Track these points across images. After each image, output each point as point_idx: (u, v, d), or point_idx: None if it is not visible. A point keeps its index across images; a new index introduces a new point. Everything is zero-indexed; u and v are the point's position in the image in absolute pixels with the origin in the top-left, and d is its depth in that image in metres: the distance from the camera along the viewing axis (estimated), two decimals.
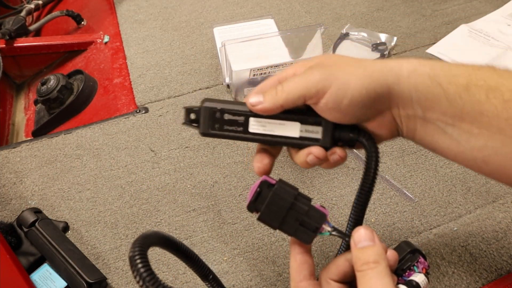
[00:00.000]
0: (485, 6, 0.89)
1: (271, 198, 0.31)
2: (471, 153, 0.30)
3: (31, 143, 0.67)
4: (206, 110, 0.35)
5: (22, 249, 0.52)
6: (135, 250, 0.28)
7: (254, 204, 0.32)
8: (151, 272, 0.27)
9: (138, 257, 0.27)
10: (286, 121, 0.34)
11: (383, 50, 0.78)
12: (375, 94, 0.30)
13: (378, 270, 0.28)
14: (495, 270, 0.48)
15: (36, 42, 0.89)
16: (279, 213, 0.31)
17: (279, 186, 0.32)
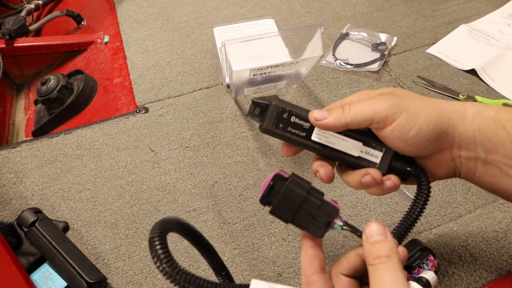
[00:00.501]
0: (485, 6, 0.89)
1: (284, 192, 0.31)
2: None
3: (31, 143, 0.67)
4: (276, 108, 0.35)
5: (22, 249, 0.52)
6: (155, 232, 0.28)
7: (267, 197, 0.32)
8: (168, 254, 0.27)
9: (157, 239, 0.27)
10: (349, 138, 0.34)
11: (383, 50, 0.78)
12: (440, 130, 0.31)
13: (390, 264, 0.28)
14: (495, 270, 0.48)
15: (36, 42, 0.89)
16: (291, 207, 0.31)
17: (292, 179, 0.32)
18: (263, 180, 0.59)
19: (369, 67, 0.76)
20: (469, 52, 0.77)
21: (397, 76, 0.74)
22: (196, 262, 0.52)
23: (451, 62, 0.76)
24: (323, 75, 0.75)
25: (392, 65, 0.76)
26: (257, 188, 0.59)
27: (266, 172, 0.61)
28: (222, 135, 0.66)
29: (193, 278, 0.28)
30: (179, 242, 0.54)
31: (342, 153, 0.35)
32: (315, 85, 0.73)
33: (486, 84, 0.71)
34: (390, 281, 0.27)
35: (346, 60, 0.77)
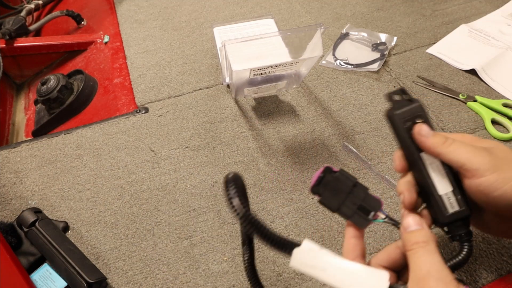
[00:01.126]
0: (485, 6, 0.89)
1: (333, 183, 0.34)
2: None
3: (31, 143, 0.67)
4: (418, 108, 0.35)
5: (22, 249, 0.52)
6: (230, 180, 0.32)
7: (317, 187, 0.34)
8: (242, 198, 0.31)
9: (232, 185, 0.32)
10: (447, 176, 0.35)
11: (383, 50, 0.78)
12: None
13: (427, 248, 0.29)
14: (495, 270, 0.48)
15: (36, 42, 0.89)
16: (339, 197, 0.34)
17: (340, 173, 0.35)
18: (263, 180, 0.60)
19: (369, 67, 0.76)
20: (469, 52, 0.77)
21: (397, 76, 0.74)
22: (196, 262, 0.52)
23: (451, 62, 0.76)
24: (323, 75, 0.75)
25: (392, 65, 0.76)
26: (257, 188, 0.59)
27: (266, 172, 0.61)
28: (222, 135, 0.66)
29: (258, 224, 0.31)
30: (179, 242, 0.54)
31: (429, 183, 0.35)
32: (315, 85, 0.73)
33: (486, 84, 0.71)
34: (429, 263, 0.28)
35: (346, 60, 0.77)
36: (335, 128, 0.66)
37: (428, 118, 0.35)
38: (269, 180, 0.60)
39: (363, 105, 0.70)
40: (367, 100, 0.70)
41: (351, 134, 0.65)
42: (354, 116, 0.68)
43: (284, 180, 0.60)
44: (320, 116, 0.68)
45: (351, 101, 0.70)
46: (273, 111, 0.69)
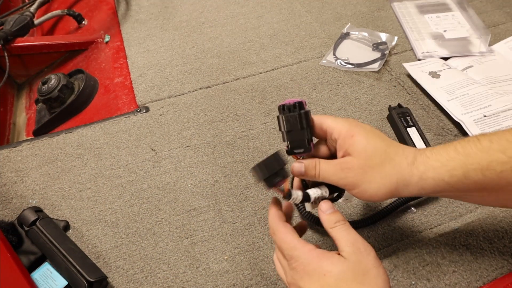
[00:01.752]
0: (486, 5, 0.89)
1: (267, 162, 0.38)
2: (491, 203, 0.40)
3: (32, 142, 0.67)
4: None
5: (23, 248, 0.52)
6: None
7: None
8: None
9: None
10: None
11: (383, 50, 0.78)
12: (389, 195, 0.38)
13: (346, 225, 0.38)
14: (496, 269, 0.48)
15: (37, 42, 0.89)
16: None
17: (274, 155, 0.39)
18: None
19: (370, 67, 0.76)
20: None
21: (398, 76, 0.74)
22: (196, 261, 0.52)
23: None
24: (323, 74, 0.75)
25: (393, 65, 0.76)
26: (257, 187, 0.59)
27: None
28: (222, 135, 0.66)
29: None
30: (180, 241, 0.54)
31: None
32: (315, 84, 0.73)
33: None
34: (352, 235, 0.37)
35: (347, 60, 0.77)
36: None
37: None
38: None
39: (363, 104, 0.70)
40: (367, 99, 0.70)
41: None
42: (355, 115, 0.68)
43: None
44: None
45: (351, 101, 0.70)
46: (274, 110, 0.69)
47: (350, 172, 0.38)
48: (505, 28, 0.83)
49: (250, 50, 0.81)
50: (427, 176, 0.37)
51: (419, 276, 0.47)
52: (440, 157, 0.37)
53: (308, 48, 0.81)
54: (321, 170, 0.40)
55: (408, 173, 0.38)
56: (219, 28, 0.87)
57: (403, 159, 0.38)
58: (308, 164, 0.40)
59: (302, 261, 0.36)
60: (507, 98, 0.65)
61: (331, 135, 0.40)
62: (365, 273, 0.35)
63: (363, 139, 0.39)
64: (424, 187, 0.38)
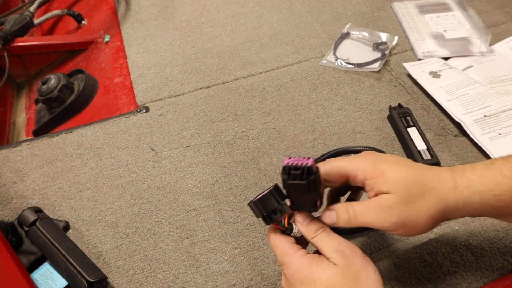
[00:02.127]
0: (486, 5, 0.89)
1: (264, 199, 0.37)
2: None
3: (31, 142, 0.67)
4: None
5: (23, 248, 0.52)
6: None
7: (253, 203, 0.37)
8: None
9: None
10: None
11: (384, 50, 0.78)
12: (434, 226, 0.37)
13: (327, 230, 0.38)
14: (496, 269, 0.48)
15: (37, 42, 0.89)
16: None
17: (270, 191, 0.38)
18: (264, 180, 0.59)
19: (370, 67, 0.75)
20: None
21: (398, 76, 0.74)
22: (196, 261, 0.52)
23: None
24: (324, 74, 0.75)
25: (393, 65, 0.76)
26: (258, 187, 0.59)
27: (267, 172, 0.61)
28: (222, 135, 0.66)
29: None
30: (180, 241, 0.54)
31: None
32: (316, 84, 0.73)
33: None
34: (335, 241, 0.36)
35: (347, 60, 0.77)
36: (336, 127, 0.66)
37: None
38: (270, 179, 0.60)
39: (364, 104, 0.69)
40: (368, 99, 0.70)
41: (352, 134, 0.65)
42: (355, 115, 0.68)
43: None
44: (321, 116, 0.68)
45: (352, 101, 0.70)
46: (274, 110, 0.69)
47: (393, 212, 0.35)
48: (505, 28, 0.83)
49: (250, 50, 0.81)
50: (473, 201, 0.36)
51: (419, 277, 0.47)
52: (486, 181, 0.36)
53: (308, 48, 0.81)
54: (356, 213, 0.37)
55: (453, 199, 0.36)
56: (219, 28, 0.87)
57: (443, 185, 0.36)
58: (339, 210, 0.38)
59: (292, 267, 0.36)
60: (507, 98, 0.65)
61: (355, 179, 0.37)
62: (356, 277, 0.34)
63: (395, 174, 0.36)
64: (470, 211, 0.36)
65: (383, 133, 0.65)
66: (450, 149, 0.62)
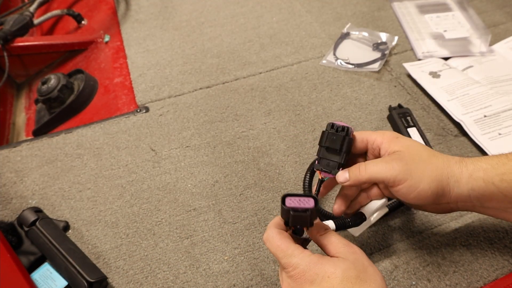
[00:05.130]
0: (486, 5, 0.89)
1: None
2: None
3: (31, 143, 0.66)
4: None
5: (23, 248, 0.52)
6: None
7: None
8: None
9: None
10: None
11: (384, 50, 0.78)
12: (437, 195, 0.39)
13: (331, 231, 0.39)
14: (496, 269, 0.48)
15: (37, 42, 0.89)
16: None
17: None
18: (264, 180, 0.59)
19: (370, 67, 0.75)
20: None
21: (398, 76, 0.74)
22: (196, 261, 0.52)
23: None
24: (324, 74, 0.75)
25: (393, 65, 0.76)
26: (258, 187, 0.59)
27: (267, 172, 0.60)
28: (222, 135, 0.66)
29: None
30: (180, 241, 0.54)
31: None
32: (316, 84, 0.73)
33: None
34: (343, 239, 0.38)
35: (347, 60, 0.77)
36: None
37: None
38: (269, 179, 0.60)
39: (364, 104, 0.69)
40: (368, 99, 0.70)
41: None
42: (355, 115, 0.68)
43: (285, 180, 0.59)
44: (321, 116, 0.68)
45: (352, 101, 0.70)
46: (274, 110, 0.69)
47: (401, 162, 0.38)
48: (505, 28, 0.83)
49: (250, 50, 0.81)
50: (477, 176, 0.37)
51: (419, 277, 0.47)
52: (490, 161, 0.38)
53: (308, 48, 0.81)
54: (366, 166, 0.40)
55: (458, 169, 0.38)
56: (219, 28, 0.87)
57: (450, 158, 0.39)
58: (351, 168, 0.41)
59: (302, 267, 0.35)
60: (507, 98, 0.65)
61: (374, 142, 0.42)
62: (364, 270, 0.35)
63: (409, 140, 0.40)
64: (475, 188, 0.38)
65: None
66: (450, 149, 0.62)
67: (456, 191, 0.38)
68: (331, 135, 0.42)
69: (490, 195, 0.38)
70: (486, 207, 0.40)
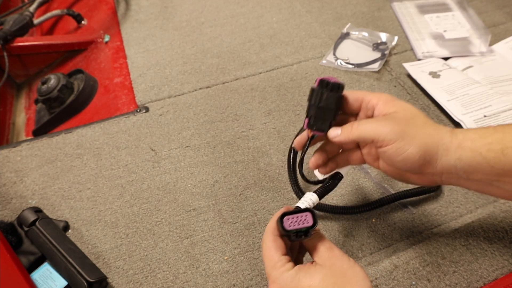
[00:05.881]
0: (486, 5, 0.89)
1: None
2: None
3: (31, 143, 0.66)
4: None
5: (23, 248, 0.52)
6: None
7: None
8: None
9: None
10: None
11: (383, 50, 0.78)
12: (424, 161, 0.38)
13: (320, 233, 0.39)
14: (496, 269, 0.48)
15: (37, 42, 0.89)
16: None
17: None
18: (263, 180, 0.59)
19: (370, 67, 0.75)
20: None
21: (398, 76, 0.74)
22: (196, 261, 0.52)
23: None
24: (323, 74, 0.75)
25: (393, 65, 0.76)
26: (258, 187, 0.59)
27: (267, 172, 0.60)
28: (222, 135, 0.66)
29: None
30: (180, 241, 0.54)
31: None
32: None
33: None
34: (327, 242, 0.38)
35: (347, 60, 0.77)
36: None
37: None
38: (269, 179, 0.60)
39: None
40: None
41: None
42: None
43: (284, 180, 0.59)
44: None
45: None
46: (274, 110, 0.69)
47: (393, 122, 0.38)
48: (505, 28, 0.83)
49: (250, 50, 0.81)
50: (465, 146, 0.37)
51: (419, 277, 0.47)
52: (478, 131, 0.38)
53: (308, 48, 0.81)
54: (359, 123, 0.39)
55: (448, 138, 0.38)
56: (219, 28, 0.87)
57: (442, 127, 0.39)
58: (345, 125, 0.40)
59: (279, 282, 0.36)
60: (507, 98, 0.65)
61: (369, 102, 0.41)
62: (343, 275, 0.36)
63: (405, 103, 0.40)
64: (462, 158, 0.37)
65: None
66: None
67: (443, 160, 0.38)
68: (324, 93, 0.40)
69: (476, 165, 0.37)
70: (472, 180, 0.39)
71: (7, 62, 0.82)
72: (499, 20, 0.85)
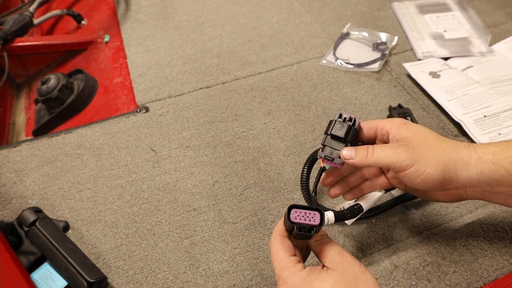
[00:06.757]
0: (486, 5, 0.89)
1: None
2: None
3: (31, 143, 0.66)
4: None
5: (23, 248, 0.52)
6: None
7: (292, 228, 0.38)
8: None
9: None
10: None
11: (383, 50, 0.78)
12: (444, 179, 0.38)
13: (327, 238, 0.39)
14: (496, 269, 0.48)
15: (37, 42, 0.89)
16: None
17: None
18: (263, 180, 0.59)
19: (370, 67, 0.75)
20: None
21: (398, 76, 0.74)
22: (196, 261, 0.52)
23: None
24: (323, 74, 0.75)
25: (393, 65, 0.76)
26: (258, 187, 0.59)
27: (267, 172, 0.60)
28: (222, 135, 0.66)
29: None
30: (180, 241, 0.54)
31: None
32: (315, 84, 0.73)
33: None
34: (337, 247, 0.38)
35: (347, 60, 0.77)
36: None
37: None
38: (269, 179, 0.60)
39: (363, 104, 0.69)
40: (367, 99, 0.70)
41: None
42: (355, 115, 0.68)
43: (284, 180, 0.59)
44: (320, 116, 0.68)
45: (351, 101, 0.70)
46: (274, 110, 0.69)
47: (408, 147, 0.39)
48: (505, 28, 0.83)
49: (250, 50, 0.81)
50: (486, 159, 0.37)
51: (419, 277, 0.47)
52: (499, 144, 0.38)
53: (308, 48, 0.81)
54: (374, 149, 0.40)
55: (466, 153, 0.38)
56: (219, 28, 0.87)
57: (458, 143, 0.39)
58: (358, 148, 0.41)
59: (290, 283, 0.36)
60: (507, 98, 0.65)
61: (383, 128, 0.42)
62: (355, 281, 0.35)
63: (417, 126, 0.41)
64: (484, 171, 0.37)
65: None
66: None
67: (464, 175, 0.38)
68: (337, 124, 0.42)
69: (499, 178, 0.37)
70: (496, 192, 0.39)
71: (7, 62, 0.82)
72: (499, 20, 0.85)
